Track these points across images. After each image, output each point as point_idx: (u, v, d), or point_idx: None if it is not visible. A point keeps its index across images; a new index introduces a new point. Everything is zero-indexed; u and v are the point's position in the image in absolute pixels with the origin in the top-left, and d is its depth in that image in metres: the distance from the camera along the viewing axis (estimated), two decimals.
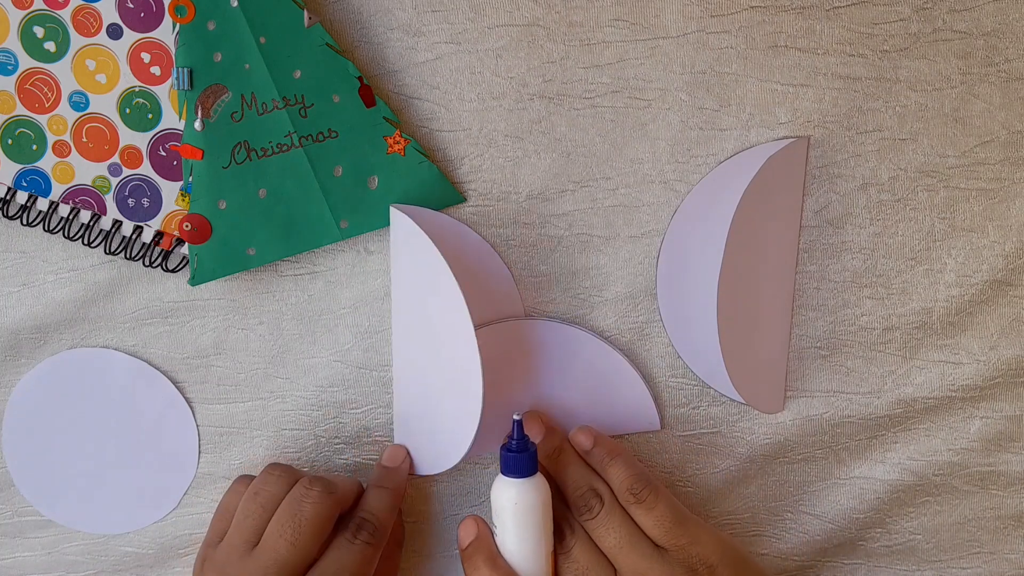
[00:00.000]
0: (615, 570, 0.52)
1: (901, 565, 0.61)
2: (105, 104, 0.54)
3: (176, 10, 0.52)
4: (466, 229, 0.57)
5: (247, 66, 0.53)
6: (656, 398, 0.59)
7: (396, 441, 0.58)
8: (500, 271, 0.57)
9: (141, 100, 0.54)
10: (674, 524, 0.52)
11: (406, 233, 0.54)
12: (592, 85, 0.56)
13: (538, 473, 0.52)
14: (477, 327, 0.56)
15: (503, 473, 0.52)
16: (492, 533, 0.53)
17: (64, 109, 0.55)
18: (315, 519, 0.50)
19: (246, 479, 0.55)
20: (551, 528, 0.53)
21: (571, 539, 0.53)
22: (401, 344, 0.57)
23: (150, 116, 0.55)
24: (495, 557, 0.52)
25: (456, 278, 0.51)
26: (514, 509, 0.51)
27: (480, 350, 0.51)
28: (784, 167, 0.56)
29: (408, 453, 0.57)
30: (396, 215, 0.55)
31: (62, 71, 0.54)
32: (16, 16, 0.53)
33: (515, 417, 0.52)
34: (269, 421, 0.59)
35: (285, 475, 0.53)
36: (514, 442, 0.52)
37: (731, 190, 0.54)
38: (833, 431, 0.60)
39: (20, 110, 0.54)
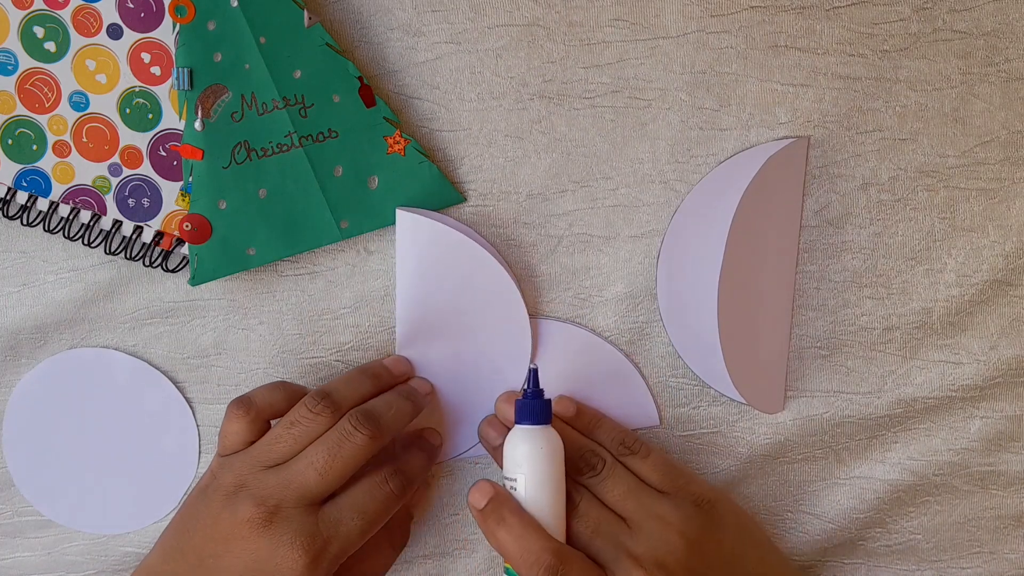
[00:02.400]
0: (624, 521, 0.52)
1: (901, 565, 0.61)
2: (105, 104, 0.55)
3: (176, 10, 0.52)
4: (467, 229, 0.57)
5: (247, 66, 0.53)
6: (656, 397, 0.59)
7: None
8: (502, 270, 0.57)
9: (141, 100, 0.54)
10: (669, 468, 0.54)
11: (429, 233, 0.55)
12: (592, 85, 0.56)
13: (551, 424, 0.52)
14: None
15: (519, 423, 0.52)
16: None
17: (64, 109, 0.55)
18: (351, 460, 0.50)
19: (243, 404, 0.52)
20: (564, 482, 0.52)
21: (577, 497, 0.53)
22: (409, 343, 0.57)
23: (150, 116, 0.55)
24: (519, 508, 0.51)
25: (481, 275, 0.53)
26: (533, 457, 0.51)
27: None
28: (784, 167, 0.56)
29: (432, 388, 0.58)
30: (409, 217, 0.55)
31: (62, 71, 0.54)
32: (16, 16, 0.53)
33: (531, 366, 0.52)
34: None
35: (326, 413, 0.51)
36: (530, 390, 0.52)
37: (731, 190, 0.54)
38: (833, 431, 0.60)
39: (20, 110, 0.54)
